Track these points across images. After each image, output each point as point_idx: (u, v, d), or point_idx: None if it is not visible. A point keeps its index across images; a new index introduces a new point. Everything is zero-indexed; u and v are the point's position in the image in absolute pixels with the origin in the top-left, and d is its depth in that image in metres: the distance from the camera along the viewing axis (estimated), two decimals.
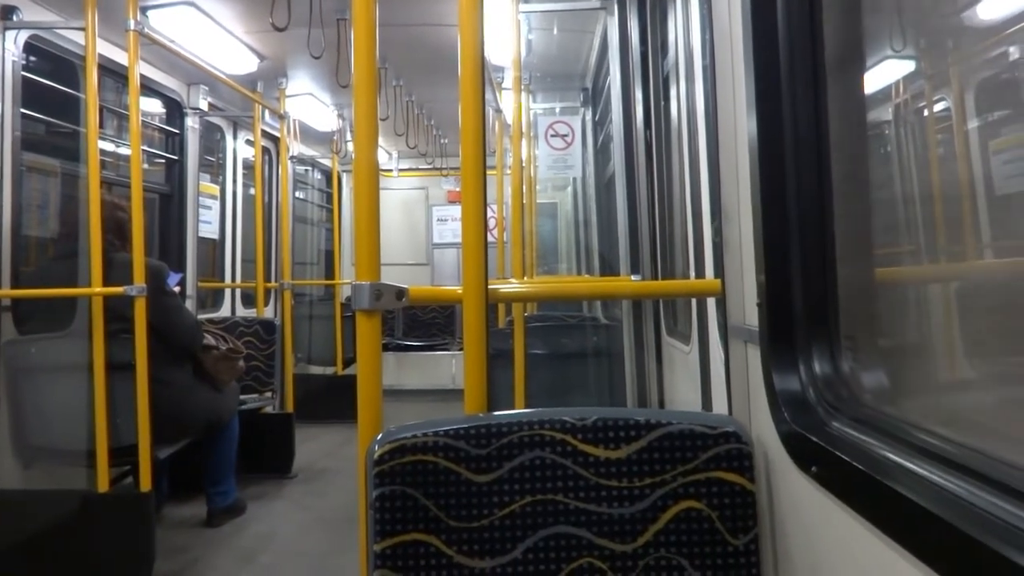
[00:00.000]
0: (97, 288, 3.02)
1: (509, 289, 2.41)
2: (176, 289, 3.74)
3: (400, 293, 1.37)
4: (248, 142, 6.04)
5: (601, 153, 5.24)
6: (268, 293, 5.80)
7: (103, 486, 3.02)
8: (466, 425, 1.17)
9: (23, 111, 3.39)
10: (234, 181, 6.08)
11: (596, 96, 5.21)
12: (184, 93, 4.98)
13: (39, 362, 3.38)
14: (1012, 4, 0.84)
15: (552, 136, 4.60)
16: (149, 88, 4.56)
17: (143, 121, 3.71)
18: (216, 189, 5.84)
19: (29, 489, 3.29)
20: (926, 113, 1.03)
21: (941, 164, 1.00)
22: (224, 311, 5.93)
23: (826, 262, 1.09)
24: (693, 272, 2.47)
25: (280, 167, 5.91)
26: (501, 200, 5.44)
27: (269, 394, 4.82)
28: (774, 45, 1.12)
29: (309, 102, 5.62)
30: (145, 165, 4.47)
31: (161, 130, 4.94)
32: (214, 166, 5.93)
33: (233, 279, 6.04)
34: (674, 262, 2.98)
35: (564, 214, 7.97)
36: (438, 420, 1.18)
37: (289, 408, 5.06)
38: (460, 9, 1.41)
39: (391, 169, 8.14)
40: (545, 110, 5.47)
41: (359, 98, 1.39)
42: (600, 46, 4.22)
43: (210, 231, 5.68)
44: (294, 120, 5.79)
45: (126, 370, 3.07)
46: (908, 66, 1.08)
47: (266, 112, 5.35)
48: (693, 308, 2.42)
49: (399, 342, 8.11)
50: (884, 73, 1.09)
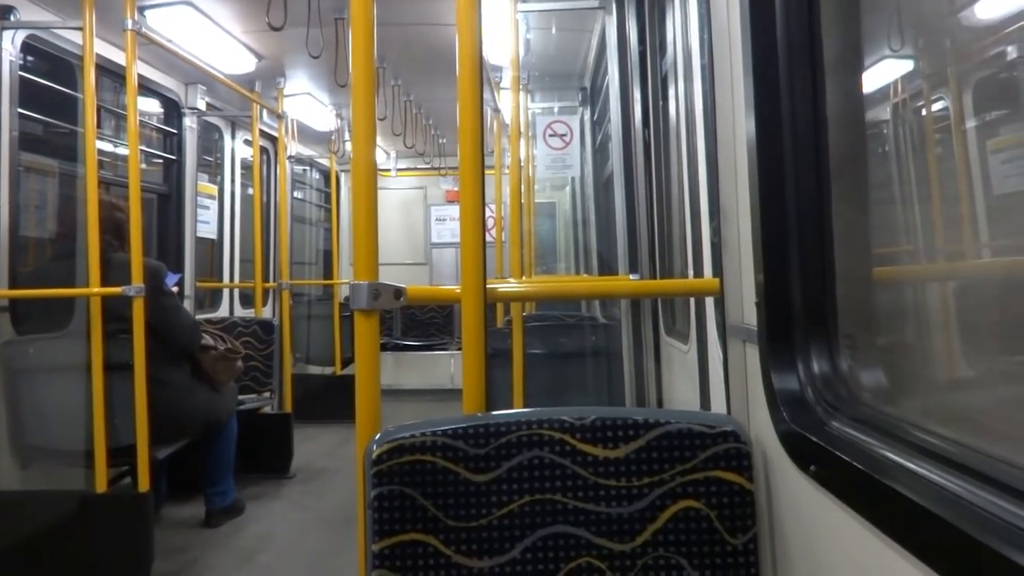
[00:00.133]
0: (95, 288, 3.02)
1: (507, 288, 2.40)
2: (174, 289, 3.73)
3: (398, 293, 1.37)
4: (246, 142, 6.04)
5: (599, 153, 5.24)
6: (266, 293, 5.79)
7: (101, 486, 3.02)
8: (464, 425, 1.17)
9: (20, 111, 3.39)
10: (232, 181, 6.08)
11: (594, 96, 5.21)
12: (182, 93, 4.97)
13: (37, 362, 3.37)
14: (1010, 3, 0.84)
15: (550, 136, 4.60)
16: (147, 88, 4.55)
17: (141, 121, 3.70)
18: (214, 189, 5.83)
19: (27, 490, 3.29)
20: (924, 113, 1.03)
21: (939, 163, 1.00)
22: (222, 311, 5.93)
23: (824, 261, 1.09)
24: (692, 271, 2.47)
25: (278, 167, 5.90)
26: (499, 200, 5.45)
27: (267, 394, 4.81)
28: (773, 44, 1.12)
29: (307, 102, 5.62)
30: (143, 165, 4.46)
31: (159, 130, 4.94)
32: (212, 166, 5.92)
33: (231, 279, 6.03)
34: (672, 261, 2.98)
35: (562, 214, 7.96)
36: (436, 420, 1.18)
37: (287, 408, 5.06)
38: (458, 8, 1.41)
39: (389, 169, 8.13)
40: (543, 110, 5.47)
41: (357, 98, 1.39)
42: (598, 45, 4.22)
43: (208, 231, 5.67)
44: (292, 120, 5.78)
45: (124, 370, 3.06)
46: (906, 65, 1.08)
47: (264, 112, 5.35)
48: (692, 307, 2.42)
49: (397, 342, 8.11)
50: (882, 72, 1.09)
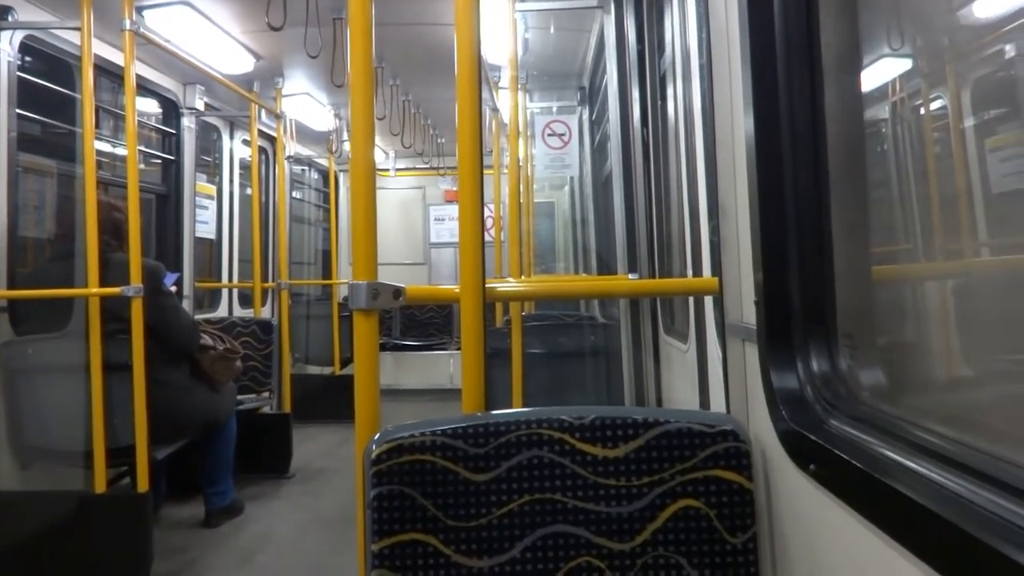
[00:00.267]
0: (94, 289, 3.02)
1: (506, 288, 2.40)
2: (173, 289, 3.73)
3: (397, 292, 1.37)
4: (245, 142, 6.04)
5: (598, 152, 5.24)
6: (265, 293, 5.79)
7: (100, 487, 3.02)
8: (464, 424, 1.17)
9: (19, 111, 3.38)
10: (231, 181, 6.08)
11: (593, 95, 5.21)
12: (180, 93, 4.97)
13: (36, 363, 3.37)
14: (1008, 2, 0.84)
15: (549, 135, 4.60)
16: (145, 88, 4.55)
17: (139, 121, 3.70)
18: (213, 189, 5.83)
19: (27, 490, 3.29)
20: (923, 111, 1.03)
21: (938, 162, 1.00)
22: (221, 311, 5.93)
23: (823, 260, 1.08)
24: (691, 271, 2.47)
25: (277, 167, 5.90)
26: (498, 199, 5.44)
27: (266, 394, 4.81)
28: (771, 43, 1.12)
29: (306, 102, 5.62)
30: (141, 165, 4.46)
31: (157, 130, 4.94)
32: (211, 166, 5.92)
33: (230, 279, 6.03)
34: (671, 261, 2.98)
35: (561, 213, 7.95)
36: (435, 419, 1.18)
37: (287, 408, 5.06)
38: (456, 8, 1.41)
39: (388, 169, 8.13)
40: (542, 109, 5.46)
41: (355, 97, 1.39)
42: (597, 45, 4.22)
43: (207, 231, 5.67)
44: (291, 120, 5.78)
45: (123, 370, 3.06)
46: (905, 64, 1.08)
47: (262, 112, 5.35)
48: (691, 307, 2.42)
49: (397, 342, 8.10)
50: (881, 71, 1.09)
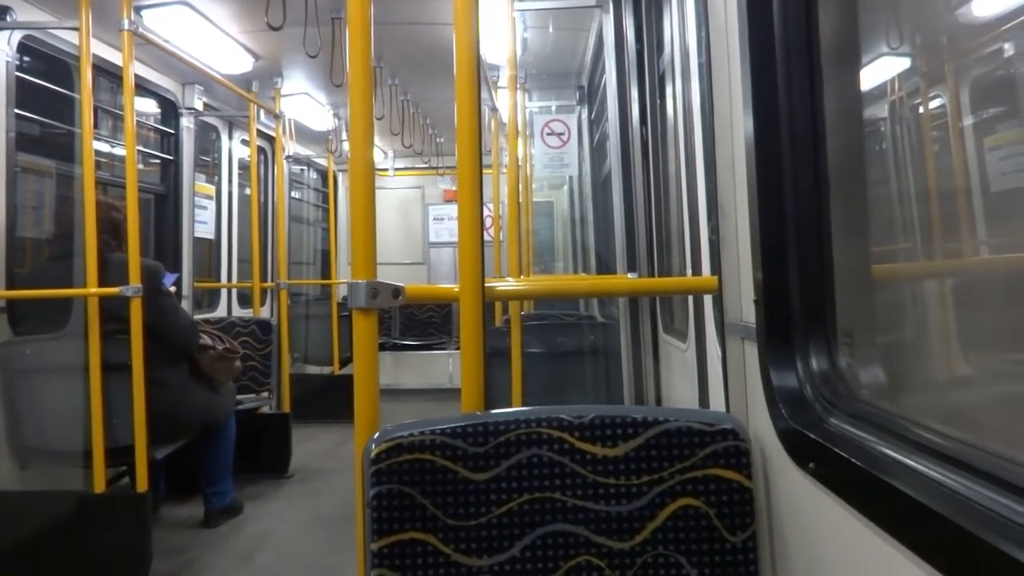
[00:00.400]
0: (93, 289, 3.01)
1: (506, 287, 2.40)
2: (172, 289, 3.73)
3: (396, 291, 1.37)
4: (244, 142, 6.03)
5: (597, 151, 5.24)
6: (264, 293, 5.78)
7: (100, 487, 3.01)
8: (463, 423, 1.17)
9: (17, 111, 3.38)
10: (230, 181, 6.07)
11: (592, 94, 5.21)
12: (179, 93, 4.97)
13: (35, 363, 3.36)
14: (1006, 1, 0.84)
15: (548, 134, 4.60)
16: (144, 88, 4.55)
17: (138, 121, 3.70)
18: (212, 189, 5.82)
19: (26, 490, 3.29)
20: (922, 110, 1.03)
21: (937, 160, 1.00)
22: (220, 311, 5.92)
23: (823, 259, 1.09)
24: (690, 270, 2.47)
25: (276, 167, 5.89)
26: (497, 199, 5.44)
27: (266, 394, 4.81)
28: (770, 42, 1.12)
29: (305, 101, 5.61)
30: (140, 165, 4.46)
31: (156, 130, 4.93)
32: (209, 166, 5.91)
33: (229, 279, 6.03)
34: (671, 260, 2.98)
35: (560, 213, 7.96)
36: (435, 419, 1.18)
37: (286, 408, 5.06)
38: (455, 7, 1.41)
39: (387, 168, 8.13)
40: (541, 108, 5.46)
41: (354, 97, 1.39)
42: (596, 44, 4.22)
43: (206, 231, 5.67)
44: (289, 120, 5.78)
45: (122, 371, 3.06)
46: (904, 63, 1.08)
47: (261, 112, 5.34)
48: (690, 306, 2.42)
49: (396, 341, 8.10)
50: (880, 70, 1.09)
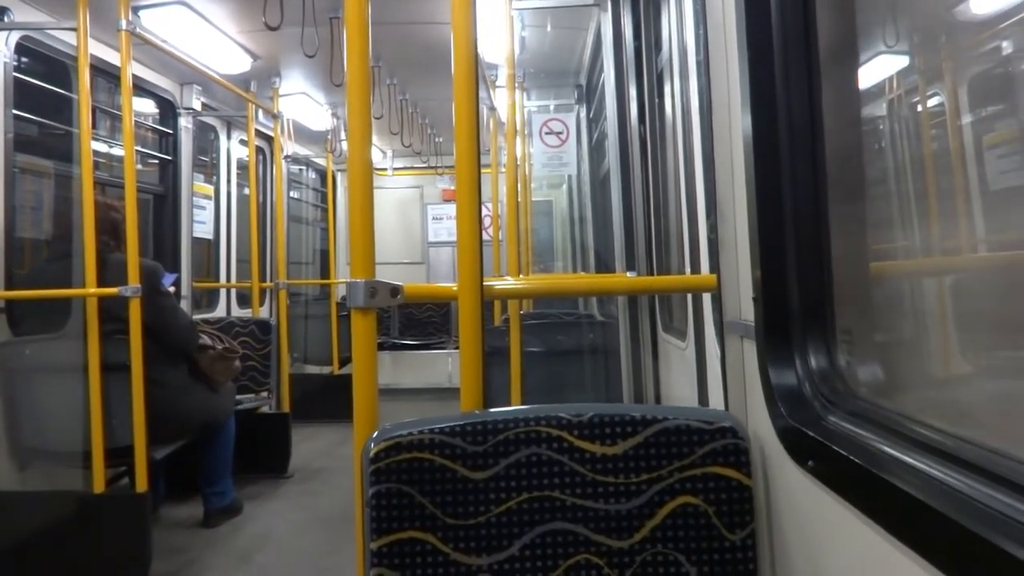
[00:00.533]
0: (92, 289, 3.01)
1: (504, 286, 2.41)
2: (171, 289, 3.73)
3: (395, 290, 1.37)
4: (242, 142, 6.03)
5: (596, 150, 5.24)
6: (263, 293, 5.78)
7: (99, 487, 3.01)
8: (462, 422, 1.17)
9: (15, 112, 3.38)
10: (228, 181, 6.07)
11: (590, 93, 5.21)
12: (177, 93, 4.96)
13: (34, 364, 3.36)
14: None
15: (547, 133, 4.60)
16: (142, 88, 4.54)
17: (136, 121, 3.70)
18: (210, 189, 5.82)
19: (25, 491, 3.28)
20: (919, 108, 1.03)
21: (935, 159, 1.00)
22: (219, 311, 5.92)
23: (821, 256, 1.09)
24: (689, 268, 2.47)
25: (274, 167, 5.89)
26: (496, 198, 5.44)
27: (265, 394, 4.80)
28: (768, 40, 1.12)
29: (303, 101, 5.61)
30: (139, 166, 4.46)
31: (154, 130, 4.93)
32: (208, 166, 5.91)
33: (228, 279, 6.02)
34: (669, 258, 2.98)
35: (559, 212, 7.96)
36: (434, 417, 1.18)
37: (285, 408, 5.06)
38: (453, 7, 1.41)
39: (386, 168, 8.13)
40: (539, 107, 5.46)
41: (352, 97, 1.39)
42: (594, 43, 4.22)
43: (205, 231, 5.66)
44: (288, 119, 5.77)
45: (121, 371, 3.06)
46: (902, 61, 1.08)
47: (260, 112, 5.34)
48: (689, 304, 2.42)
49: (395, 341, 8.10)
50: (878, 68, 1.09)
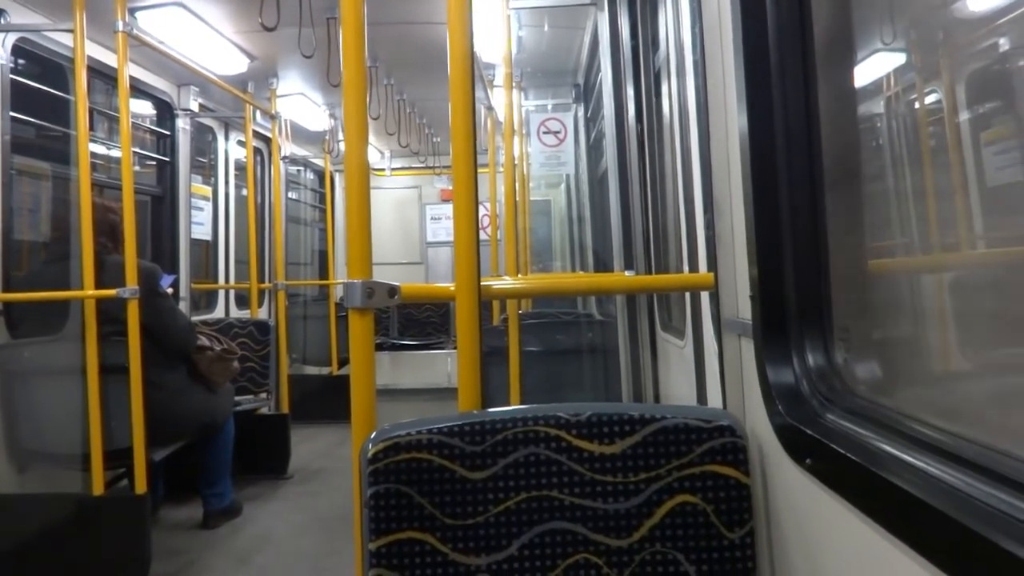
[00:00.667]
0: (90, 291, 3.01)
1: (502, 285, 2.41)
2: (169, 291, 3.72)
3: (392, 291, 1.37)
4: (240, 143, 6.02)
5: (594, 149, 5.24)
6: (262, 294, 5.78)
7: (98, 489, 3.01)
8: (460, 422, 1.17)
9: (12, 114, 3.37)
10: (226, 182, 6.06)
11: (588, 92, 5.21)
12: (174, 94, 4.96)
13: (32, 366, 3.36)
14: None
15: (544, 133, 4.59)
16: (139, 90, 4.54)
17: (133, 123, 3.69)
18: (208, 190, 5.82)
19: (25, 493, 3.28)
20: (916, 105, 1.03)
21: (933, 156, 1.00)
22: (218, 312, 5.91)
23: (818, 254, 1.09)
24: (687, 266, 2.47)
25: (272, 167, 5.89)
26: (494, 198, 5.43)
27: (264, 395, 4.80)
28: (764, 39, 1.12)
29: (300, 102, 5.61)
30: (136, 167, 4.45)
31: (152, 132, 4.92)
32: (206, 167, 5.91)
33: (227, 280, 6.02)
34: (667, 257, 2.98)
35: (558, 212, 7.96)
36: (432, 418, 1.17)
37: (284, 409, 5.06)
38: (449, 6, 1.41)
39: (384, 168, 8.12)
40: (537, 107, 5.46)
41: (349, 97, 1.39)
42: (591, 42, 4.22)
43: (203, 232, 5.66)
44: (285, 120, 5.77)
45: (120, 373, 3.06)
46: (898, 58, 1.08)
47: (257, 112, 5.33)
48: (687, 303, 2.42)
49: (394, 341, 8.09)
50: (874, 65, 1.09)
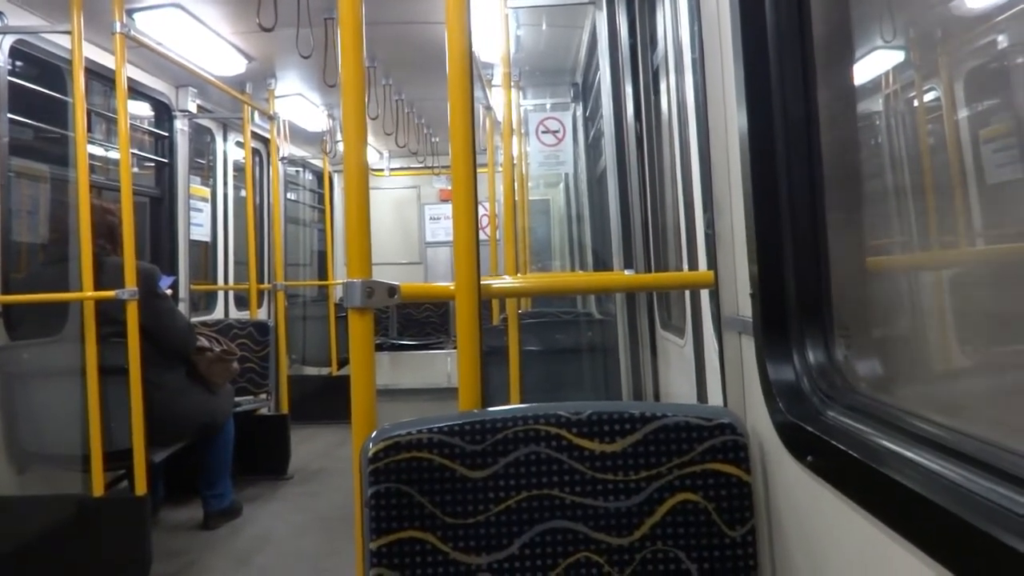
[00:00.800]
0: (89, 292, 3.01)
1: (502, 284, 2.40)
2: (168, 292, 3.72)
3: (392, 290, 1.36)
4: (238, 144, 6.02)
5: (592, 148, 5.24)
6: (261, 295, 5.78)
7: (98, 490, 3.01)
8: (460, 421, 1.17)
9: (10, 116, 3.37)
10: (225, 183, 6.06)
11: (587, 91, 5.21)
12: (172, 96, 4.95)
13: (32, 368, 3.35)
14: None
15: (543, 132, 4.59)
16: (137, 91, 4.53)
17: (132, 124, 3.69)
18: (207, 192, 5.81)
19: (25, 495, 3.28)
20: (916, 103, 1.03)
21: (932, 153, 1.00)
22: (217, 313, 5.92)
23: (818, 252, 1.09)
24: (686, 265, 2.47)
25: (271, 168, 5.88)
26: (493, 198, 5.43)
27: (264, 396, 4.80)
28: (763, 36, 1.12)
29: (299, 102, 5.60)
30: (135, 168, 4.45)
31: (150, 133, 4.92)
32: (204, 168, 5.90)
33: (226, 281, 6.02)
34: (667, 255, 2.98)
35: (557, 211, 7.96)
36: (432, 417, 1.17)
37: (284, 409, 5.06)
38: (447, 6, 1.40)
39: (383, 168, 8.12)
40: (535, 106, 5.46)
41: (347, 97, 1.38)
42: (589, 41, 4.21)
43: (202, 233, 5.66)
44: (284, 121, 5.77)
45: (119, 374, 3.06)
46: (897, 56, 1.08)
47: (256, 113, 5.33)
48: (687, 301, 2.42)
49: (394, 341, 8.09)
50: (874, 63, 1.09)
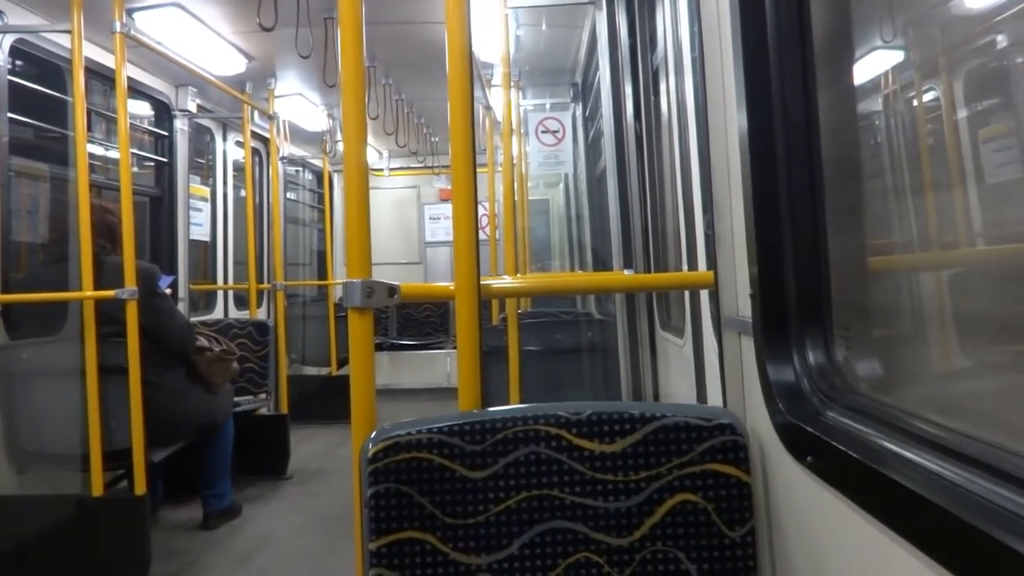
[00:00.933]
0: (88, 292, 3.01)
1: (501, 284, 2.40)
2: (168, 292, 3.72)
3: (392, 290, 1.36)
4: (238, 143, 6.02)
5: (592, 148, 5.24)
6: (261, 294, 5.77)
7: (98, 490, 3.00)
8: (460, 421, 1.17)
9: (10, 115, 3.37)
10: (224, 183, 6.06)
11: (586, 91, 5.20)
12: (172, 95, 4.95)
13: (31, 367, 3.35)
14: None
15: (543, 132, 4.59)
16: (137, 91, 4.53)
17: (131, 124, 3.69)
18: (207, 191, 5.81)
19: (24, 494, 3.28)
20: (915, 103, 1.03)
21: (932, 153, 1.00)
22: (217, 313, 5.91)
23: (818, 252, 1.09)
24: (686, 265, 2.47)
25: (271, 168, 5.88)
26: (493, 198, 5.43)
27: (263, 395, 4.80)
28: (763, 37, 1.12)
29: (298, 102, 5.60)
30: (134, 168, 4.45)
31: (150, 133, 4.92)
32: (204, 168, 5.90)
33: (225, 281, 6.02)
34: (667, 255, 2.98)
35: (556, 211, 7.96)
36: (432, 417, 1.17)
37: (284, 409, 5.05)
38: (447, 6, 1.40)
39: (382, 168, 8.12)
40: (535, 106, 5.46)
41: (347, 97, 1.38)
42: (589, 41, 4.21)
43: (201, 233, 5.66)
44: (283, 121, 5.77)
45: (119, 374, 3.05)
46: (897, 56, 1.08)
47: (255, 113, 5.33)
48: (687, 301, 2.42)
49: (394, 341, 8.09)
50: (874, 63, 1.09)
